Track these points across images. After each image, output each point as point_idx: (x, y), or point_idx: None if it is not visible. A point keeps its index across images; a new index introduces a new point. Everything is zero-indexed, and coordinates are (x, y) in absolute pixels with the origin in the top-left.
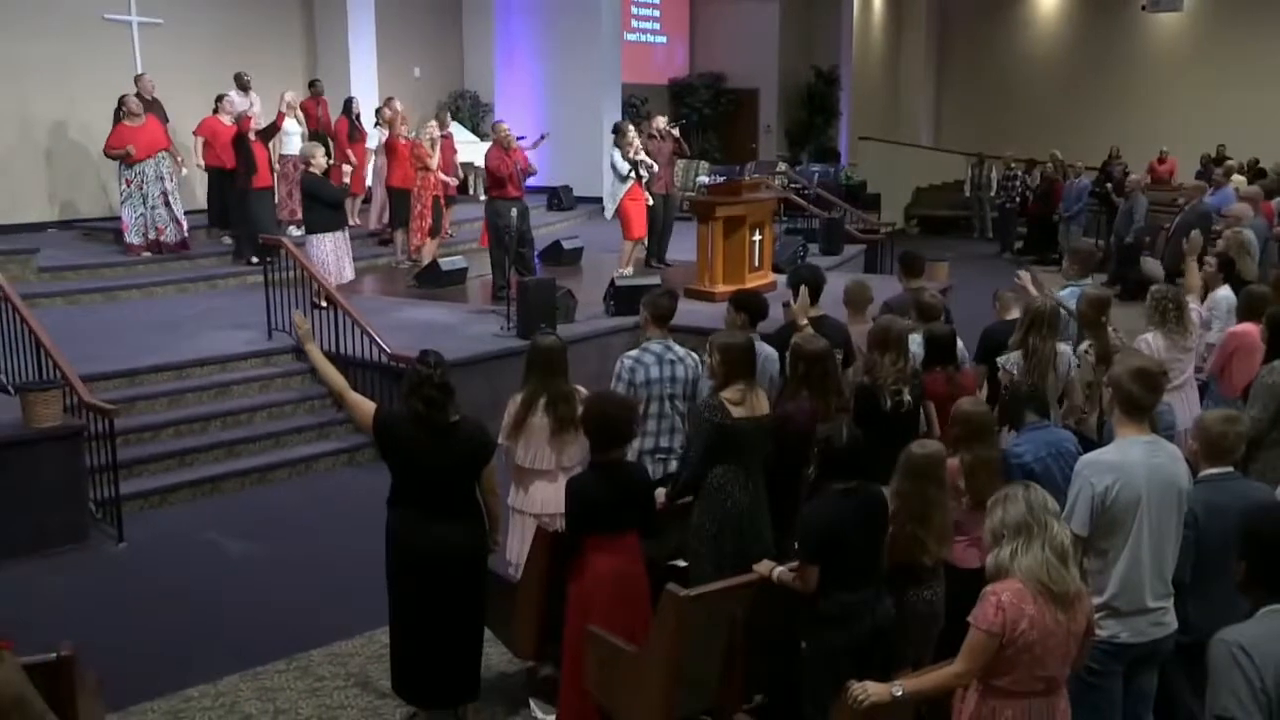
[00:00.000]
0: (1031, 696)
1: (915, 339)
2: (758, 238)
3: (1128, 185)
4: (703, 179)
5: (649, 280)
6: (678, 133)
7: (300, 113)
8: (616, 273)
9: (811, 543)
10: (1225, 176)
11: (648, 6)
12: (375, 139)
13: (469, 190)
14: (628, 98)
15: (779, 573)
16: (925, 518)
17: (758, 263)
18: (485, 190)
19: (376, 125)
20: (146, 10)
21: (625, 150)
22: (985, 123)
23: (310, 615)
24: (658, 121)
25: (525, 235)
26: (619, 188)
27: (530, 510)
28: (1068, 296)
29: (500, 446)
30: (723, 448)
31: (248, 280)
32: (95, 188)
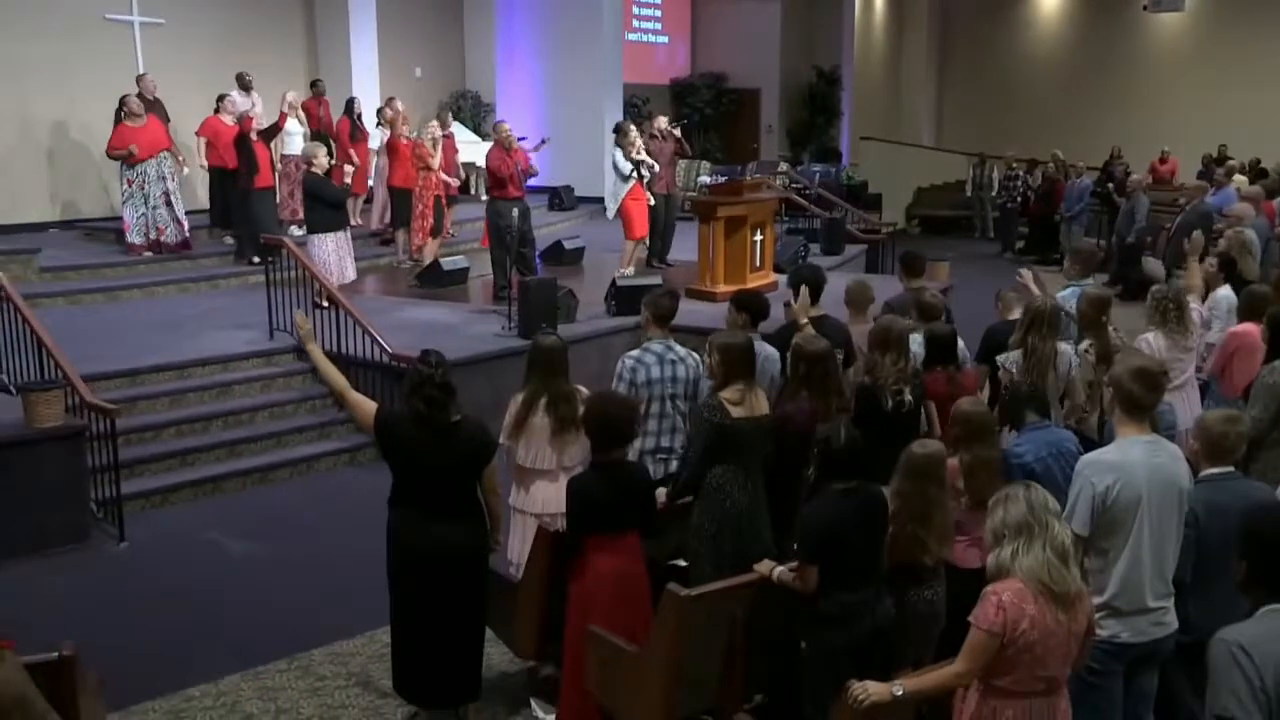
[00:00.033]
0: (1032, 696)
1: (916, 339)
2: (759, 238)
3: (1129, 185)
4: (704, 179)
5: (650, 280)
6: (679, 133)
7: (302, 113)
8: (618, 273)
9: (811, 543)
10: (1227, 176)
11: (649, 6)
12: (377, 139)
13: (470, 190)
14: (629, 98)
15: (779, 572)
16: (926, 517)
17: (759, 263)
18: (486, 190)
19: (378, 125)
20: (148, 10)
21: (627, 150)
22: (987, 123)
23: (311, 615)
24: (659, 121)
25: (527, 235)
26: (621, 187)
27: (531, 510)
28: (1069, 296)
29: (501, 446)
30: (722, 448)
31: (249, 280)
32: (96, 188)
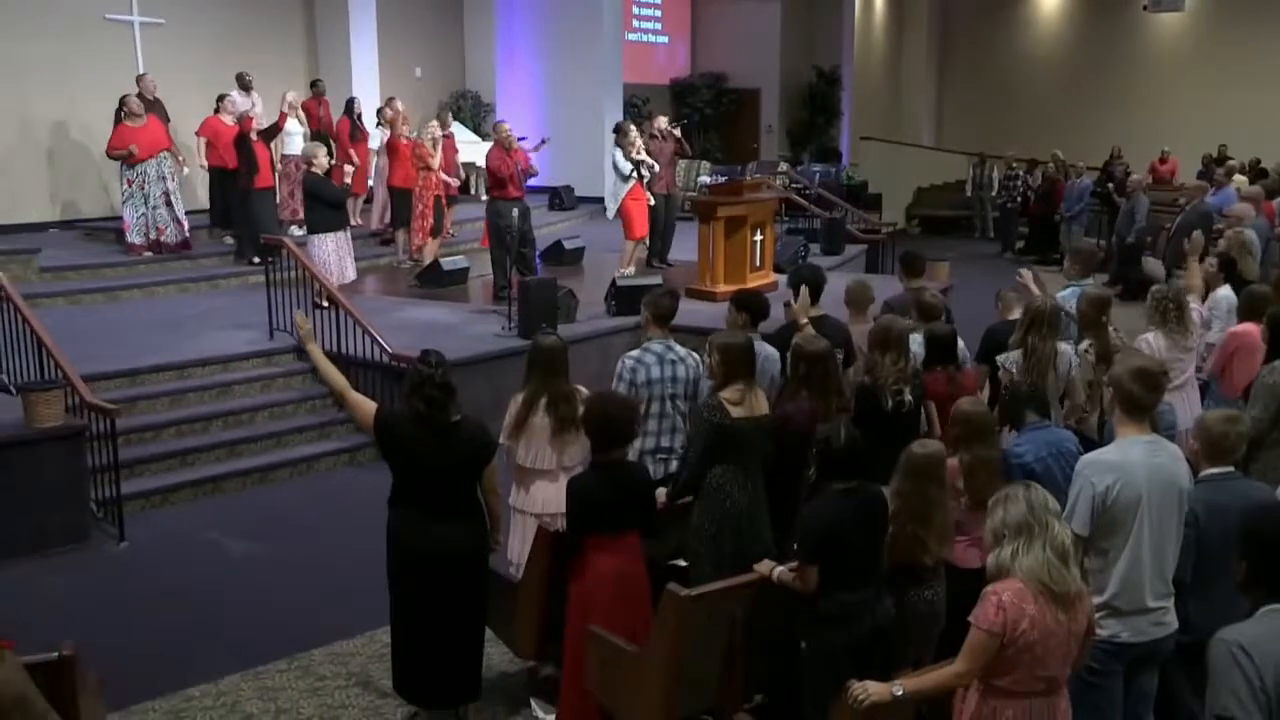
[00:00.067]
0: (1032, 696)
1: (916, 339)
2: (759, 238)
3: (1129, 185)
4: (704, 179)
5: (650, 280)
6: (679, 133)
7: (302, 113)
8: (618, 272)
9: (811, 543)
10: (1227, 176)
11: (649, 6)
12: (377, 139)
13: (470, 190)
14: (629, 98)
15: (779, 572)
16: (926, 517)
17: (759, 263)
18: (486, 190)
19: (378, 125)
20: (148, 10)
21: (627, 150)
22: (987, 123)
23: (311, 615)
24: (659, 122)
25: (527, 235)
26: (621, 187)
27: (531, 510)
28: (1069, 296)
29: (501, 446)
30: (721, 448)
31: (249, 280)
32: (96, 188)
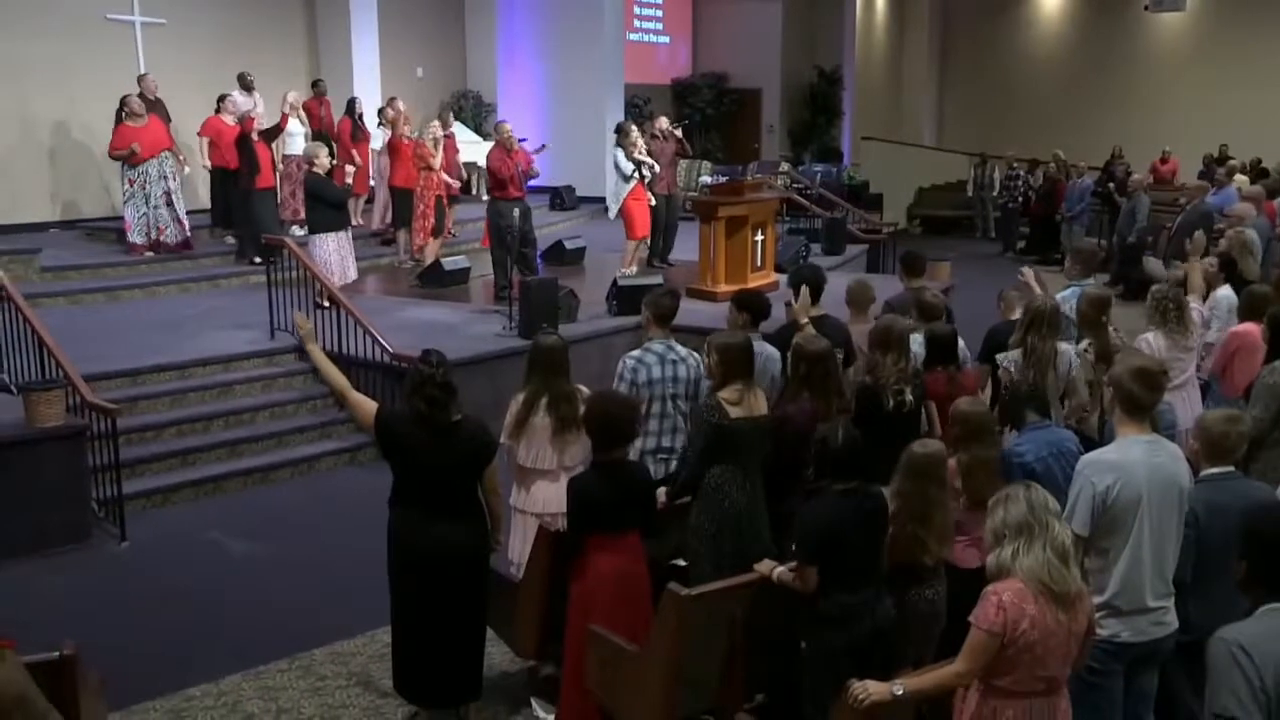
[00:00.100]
0: (1032, 696)
1: (917, 339)
2: (760, 238)
3: (1130, 185)
4: (705, 179)
5: (651, 280)
6: (680, 133)
7: (303, 113)
8: (619, 272)
9: (811, 543)
10: (1228, 176)
11: (650, 6)
12: (379, 139)
13: (471, 190)
14: (630, 98)
15: (779, 572)
16: (926, 517)
17: (760, 263)
18: (487, 190)
19: (380, 125)
20: (149, 10)
21: (629, 150)
22: (988, 122)
23: (312, 615)
24: (661, 122)
25: (528, 235)
26: (622, 187)
27: (532, 510)
28: (1069, 296)
29: (502, 446)
30: (720, 448)
31: (250, 280)
32: (97, 187)
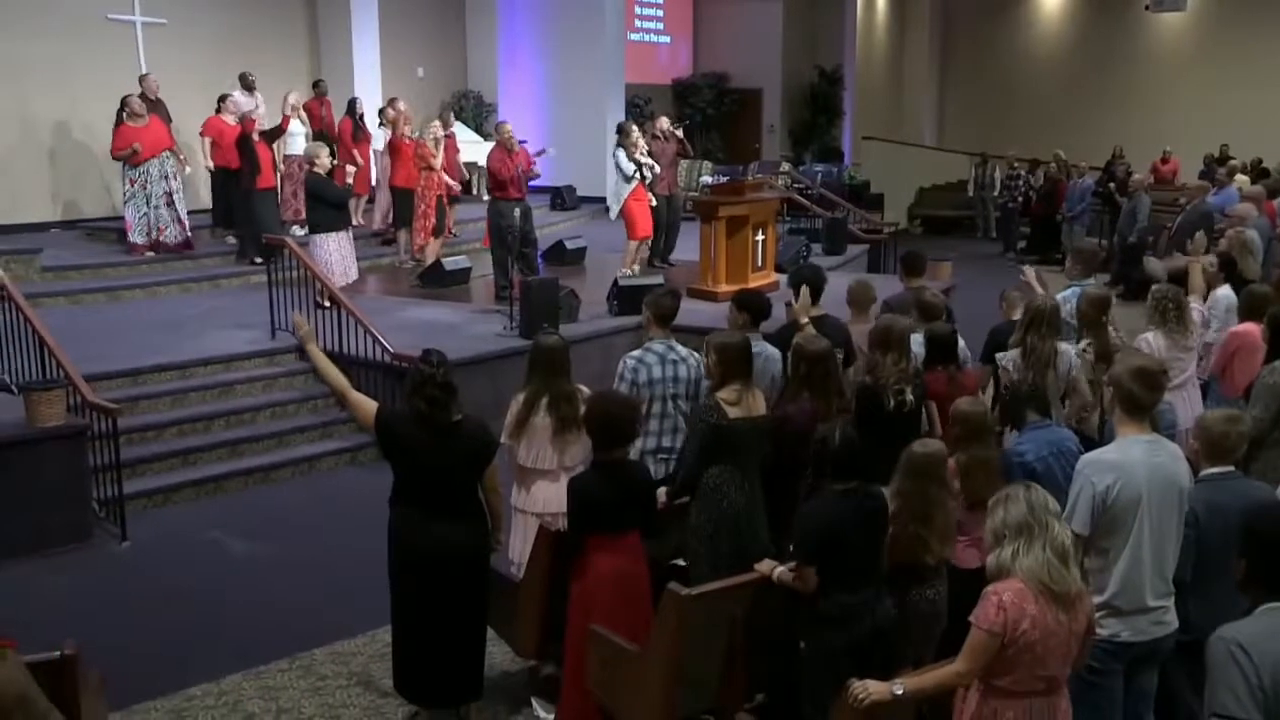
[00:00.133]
0: (1033, 696)
1: (917, 339)
2: (761, 237)
3: (1131, 185)
4: (706, 179)
5: (652, 280)
6: (681, 134)
7: (304, 113)
8: (620, 272)
9: (810, 544)
10: (1228, 176)
11: (651, 6)
12: (380, 140)
13: (472, 190)
14: (631, 98)
15: (780, 572)
16: (927, 517)
17: (761, 262)
18: (488, 191)
19: (380, 125)
20: (150, 10)
21: (630, 151)
22: (988, 122)
23: (313, 614)
24: (662, 122)
25: (529, 235)
26: (623, 188)
27: (532, 510)
28: (1070, 296)
29: (503, 446)
30: (718, 448)
31: (251, 280)
32: (98, 187)
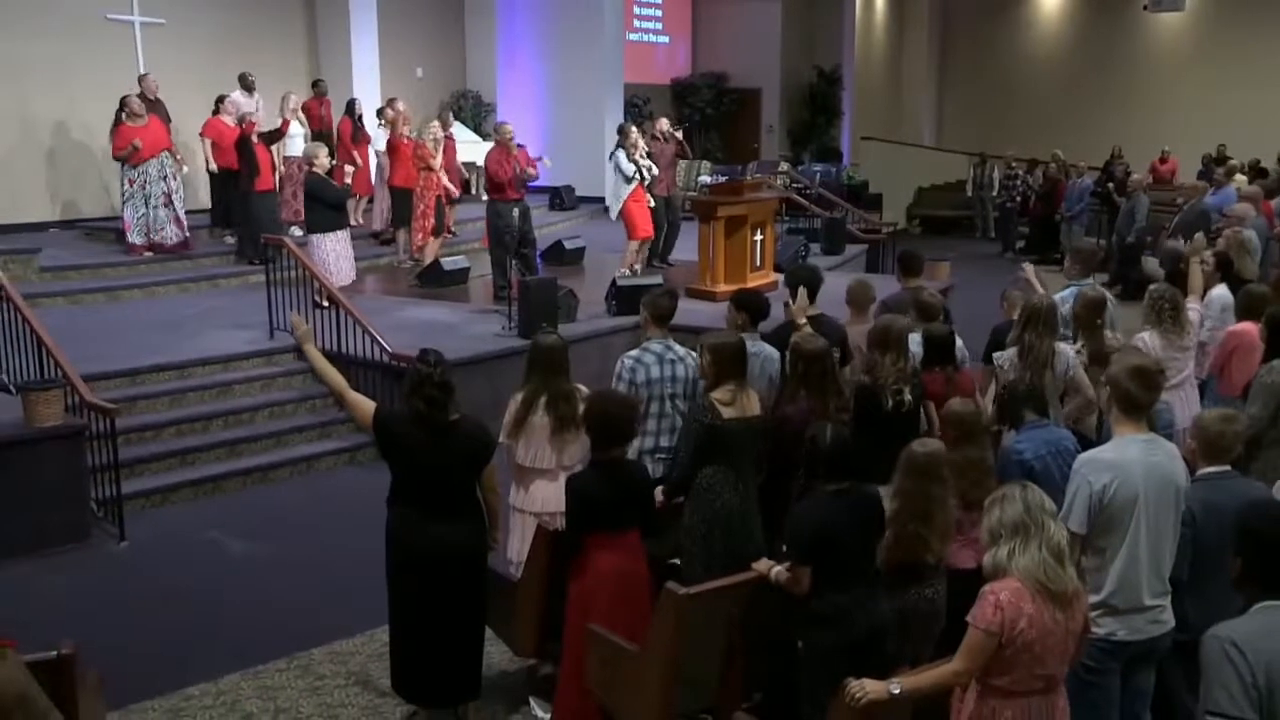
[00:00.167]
0: (1031, 695)
1: (915, 339)
2: (759, 237)
3: (1129, 185)
4: (705, 179)
5: (650, 280)
6: (681, 135)
7: (303, 115)
8: (618, 272)
9: (803, 544)
10: (1227, 176)
11: (650, 6)
12: (380, 140)
13: (471, 190)
14: (630, 98)
15: (776, 572)
16: (928, 516)
17: (759, 262)
18: (486, 192)
19: (380, 125)
20: (148, 10)
21: (630, 152)
22: (987, 122)
23: (311, 614)
24: (661, 123)
25: (527, 235)
26: (623, 189)
27: (531, 509)
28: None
29: (501, 445)
30: (712, 448)
31: (249, 280)
32: (97, 187)
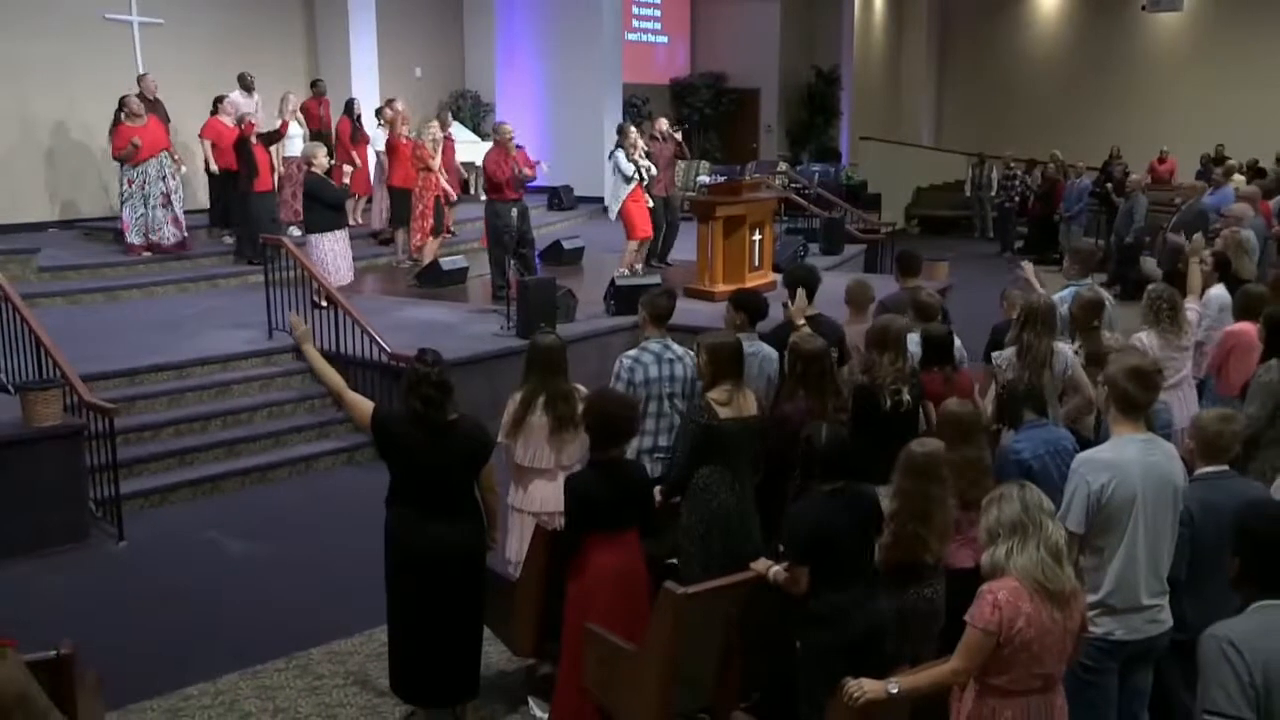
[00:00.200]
0: (1029, 694)
1: (913, 339)
2: (758, 237)
3: (1128, 185)
4: (703, 179)
5: (649, 280)
6: (680, 135)
7: (301, 115)
8: (617, 272)
9: (800, 544)
10: (1225, 176)
11: (649, 6)
12: (380, 140)
13: (470, 190)
14: (629, 98)
15: (775, 571)
16: (927, 516)
17: (758, 262)
18: (484, 192)
19: (378, 126)
20: (147, 10)
21: (629, 152)
22: (986, 122)
23: (309, 614)
24: (661, 124)
25: (526, 235)
26: (622, 189)
27: (529, 509)
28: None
29: (500, 445)
30: (708, 448)
31: (248, 280)
32: (96, 188)
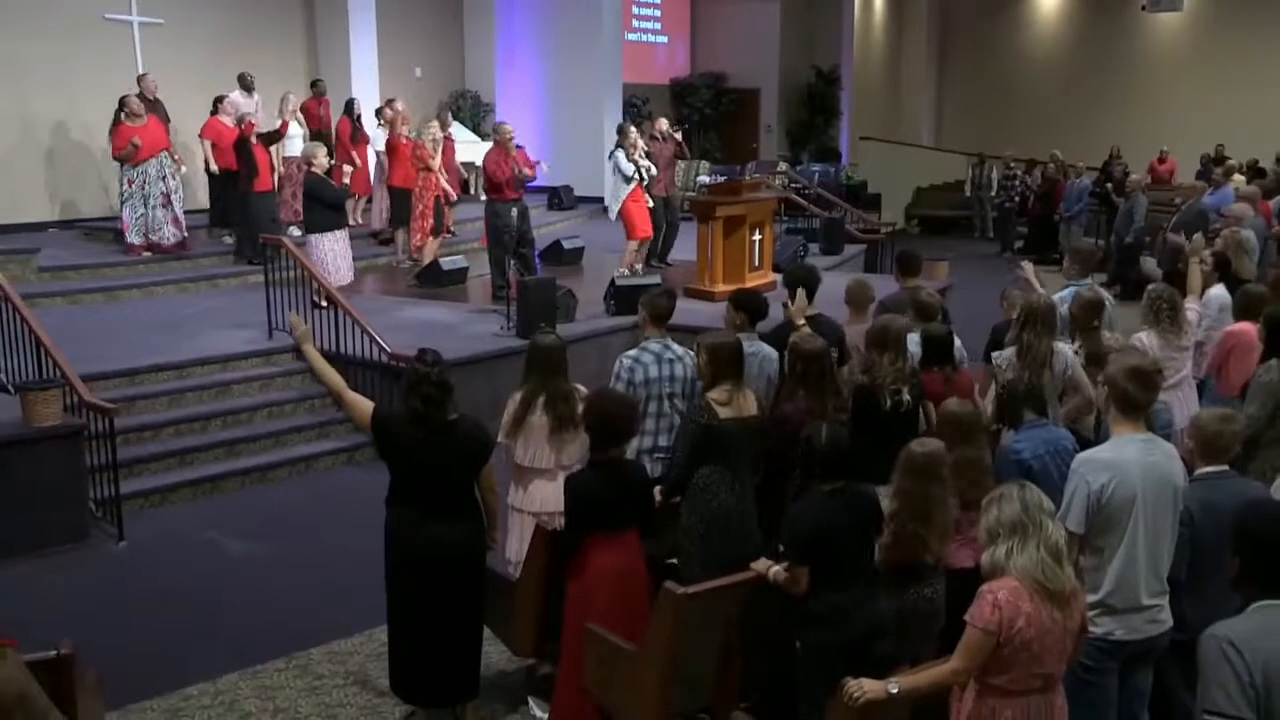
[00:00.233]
0: (1029, 694)
1: (913, 338)
2: (758, 237)
3: (1128, 185)
4: (703, 179)
5: (649, 280)
6: (680, 135)
7: (301, 116)
8: (617, 272)
9: (799, 544)
10: (1225, 176)
11: (649, 6)
12: (380, 140)
13: (470, 190)
14: (629, 97)
15: (775, 571)
16: (927, 515)
17: (758, 262)
18: (484, 192)
19: (378, 125)
20: (147, 10)
21: (629, 152)
22: (986, 122)
23: (310, 614)
24: (661, 124)
25: (526, 235)
26: (622, 189)
27: (529, 509)
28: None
29: (499, 445)
30: (708, 448)
31: (248, 280)
32: (96, 188)
